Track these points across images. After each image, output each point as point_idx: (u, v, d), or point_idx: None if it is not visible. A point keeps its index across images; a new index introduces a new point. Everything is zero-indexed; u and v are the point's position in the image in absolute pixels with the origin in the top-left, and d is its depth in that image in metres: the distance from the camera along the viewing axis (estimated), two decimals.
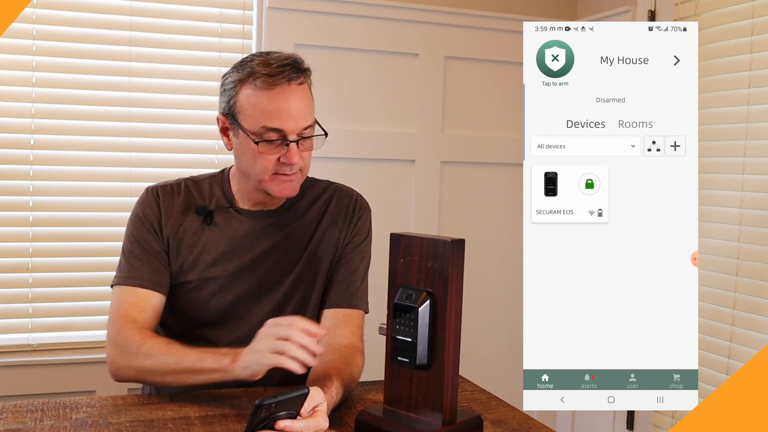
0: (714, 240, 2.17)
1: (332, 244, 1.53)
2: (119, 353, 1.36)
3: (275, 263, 1.49)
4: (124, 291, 1.43)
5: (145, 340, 1.35)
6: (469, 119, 2.73)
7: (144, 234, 1.46)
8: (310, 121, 1.41)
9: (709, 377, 2.14)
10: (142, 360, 1.32)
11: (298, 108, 1.39)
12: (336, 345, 1.43)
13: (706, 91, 2.20)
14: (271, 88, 1.37)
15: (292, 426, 1.08)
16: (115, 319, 1.40)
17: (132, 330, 1.37)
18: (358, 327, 1.50)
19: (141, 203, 1.50)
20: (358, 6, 2.51)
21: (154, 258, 1.45)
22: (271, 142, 1.39)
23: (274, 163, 1.40)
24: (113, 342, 1.38)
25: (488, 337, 2.81)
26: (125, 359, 1.35)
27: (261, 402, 1.02)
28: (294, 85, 1.39)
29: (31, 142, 2.27)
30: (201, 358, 1.29)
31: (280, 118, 1.37)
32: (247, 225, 1.49)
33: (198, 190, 1.51)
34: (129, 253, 1.46)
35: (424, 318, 1.18)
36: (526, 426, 1.28)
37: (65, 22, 2.28)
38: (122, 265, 1.46)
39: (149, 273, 1.44)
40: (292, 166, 1.40)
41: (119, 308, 1.41)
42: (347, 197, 1.57)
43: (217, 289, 1.47)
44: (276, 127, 1.37)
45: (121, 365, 1.36)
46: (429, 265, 1.19)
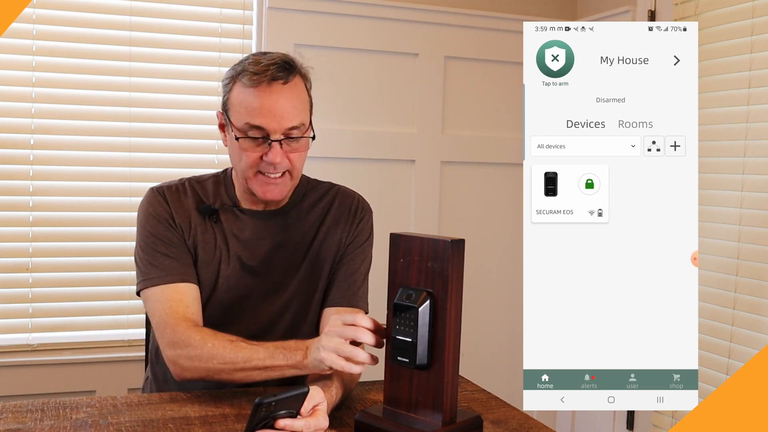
0: (714, 240, 2.17)
1: (334, 244, 1.53)
2: (181, 354, 1.33)
3: (280, 264, 1.49)
4: (165, 290, 1.40)
5: (206, 339, 1.32)
6: (469, 119, 2.73)
7: (163, 231, 1.45)
8: (296, 122, 1.39)
9: (709, 377, 2.14)
10: (208, 360, 1.30)
11: (283, 108, 1.38)
12: None
13: (706, 91, 2.20)
14: (255, 86, 1.37)
15: (292, 425, 1.08)
16: (167, 320, 1.37)
17: (189, 329, 1.34)
18: None
19: (150, 203, 1.48)
20: (358, 6, 2.51)
21: (180, 251, 1.44)
22: (254, 140, 1.39)
23: (257, 162, 1.40)
24: (173, 343, 1.34)
25: (488, 337, 2.81)
26: (189, 360, 1.32)
27: (261, 400, 1.02)
28: (278, 84, 1.38)
29: (31, 142, 2.27)
30: (271, 354, 1.28)
31: (262, 116, 1.37)
32: (252, 225, 1.49)
33: (202, 190, 1.51)
34: (154, 253, 1.43)
35: (424, 318, 1.18)
36: (526, 426, 1.28)
37: (65, 22, 2.29)
38: (148, 267, 1.43)
39: (181, 267, 1.43)
40: (275, 166, 1.39)
41: (165, 308, 1.38)
42: (349, 199, 1.57)
43: (223, 289, 1.47)
44: (258, 125, 1.38)
45: (186, 366, 1.33)
46: (429, 265, 1.19)
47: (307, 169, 1.59)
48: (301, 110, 1.41)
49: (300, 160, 1.44)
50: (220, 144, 2.43)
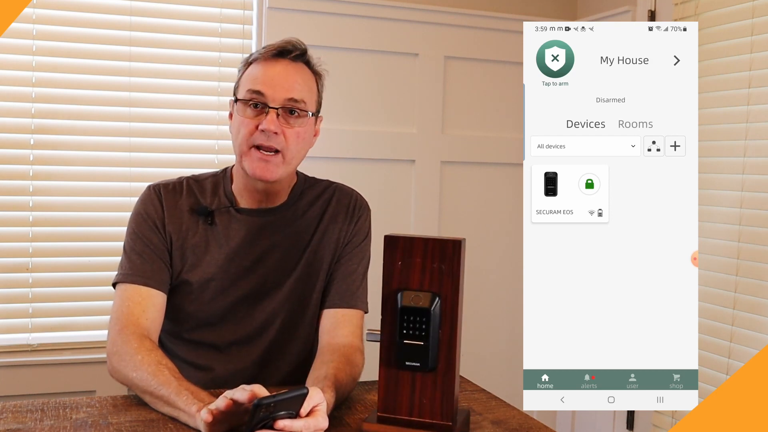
0: (714, 240, 2.17)
1: (332, 243, 1.52)
2: (115, 354, 1.34)
3: (276, 264, 1.49)
4: (127, 289, 1.42)
5: (139, 351, 1.31)
6: (469, 119, 2.73)
7: (146, 231, 1.46)
8: (296, 95, 1.41)
9: (709, 377, 2.14)
10: (131, 370, 1.30)
11: (284, 78, 1.42)
12: (336, 345, 1.43)
13: (706, 91, 2.20)
14: (263, 60, 1.44)
15: (292, 425, 1.07)
16: (119, 318, 1.39)
17: (133, 334, 1.35)
18: (358, 327, 1.50)
19: (143, 201, 1.49)
20: (358, 6, 2.51)
21: (156, 256, 1.45)
22: (253, 108, 1.41)
23: (253, 132, 1.40)
24: (113, 341, 1.36)
25: (488, 337, 2.81)
26: (118, 362, 1.33)
27: (260, 401, 1.02)
28: (285, 59, 1.44)
29: (31, 142, 2.27)
30: (177, 392, 1.22)
31: (263, 83, 1.41)
32: (248, 224, 1.49)
33: (200, 190, 1.51)
34: (131, 251, 1.45)
35: (436, 320, 1.17)
36: (526, 426, 1.28)
37: (65, 22, 2.28)
38: (124, 262, 1.45)
39: (151, 271, 1.43)
40: (269, 136, 1.39)
41: (122, 306, 1.40)
42: (347, 197, 1.57)
43: (219, 289, 1.47)
44: (258, 90, 1.41)
45: (114, 367, 1.34)
46: (435, 266, 1.18)
47: (307, 168, 1.59)
48: (304, 89, 1.44)
49: (296, 140, 1.43)
50: (220, 144, 2.43)
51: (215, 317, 1.47)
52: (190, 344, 1.49)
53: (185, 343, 1.50)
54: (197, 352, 1.49)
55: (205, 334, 1.48)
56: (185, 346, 1.50)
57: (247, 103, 1.41)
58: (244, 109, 1.42)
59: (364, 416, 1.28)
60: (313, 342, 1.53)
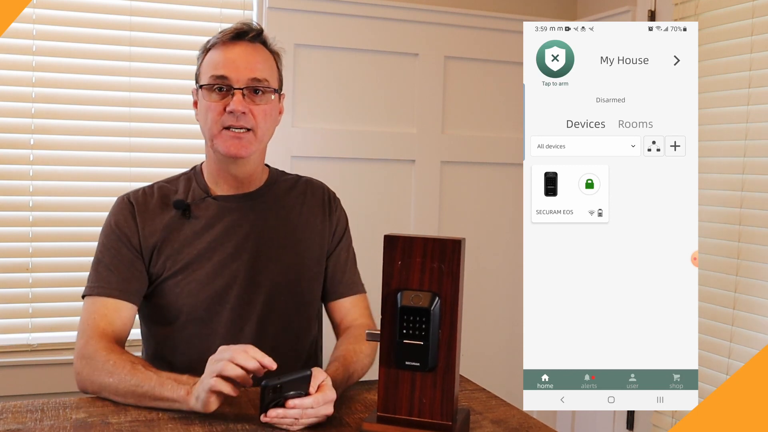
0: (714, 240, 2.17)
1: (316, 236, 1.57)
2: (85, 366, 1.33)
3: (259, 249, 1.50)
4: (95, 302, 1.42)
5: (110, 356, 1.32)
6: (469, 119, 2.73)
7: (114, 242, 1.46)
8: (258, 75, 1.44)
9: (709, 377, 2.14)
10: (106, 377, 1.29)
11: (245, 59, 1.44)
12: (351, 327, 1.53)
13: (706, 91, 2.20)
14: (221, 44, 1.46)
15: (302, 402, 1.15)
16: (84, 330, 1.39)
17: (100, 343, 1.35)
18: (366, 308, 1.61)
19: (113, 212, 1.50)
20: (358, 6, 2.51)
21: (124, 267, 1.44)
22: (219, 92, 1.43)
23: (222, 114, 1.43)
24: (80, 353, 1.36)
25: (488, 337, 2.81)
26: (90, 373, 1.32)
27: (267, 383, 1.13)
28: (242, 41, 1.46)
29: (31, 142, 2.27)
30: (161, 383, 1.25)
31: (225, 67, 1.43)
32: (226, 210, 1.51)
33: (173, 189, 1.53)
34: (98, 263, 1.46)
35: (436, 320, 1.18)
36: (526, 426, 1.28)
37: (65, 22, 2.28)
38: (92, 275, 1.46)
39: (117, 282, 1.43)
40: (237, 116, 1.42)
41: (88, 319, 1.40)
42: (319, 190, 1.63)
43: (205, 280, 1.47)
44: (221, 74, 1.43)
45: (85, 378, 1.33)
46: (435, 266, 1.18)
47: (307, 168, 1.59)
48: (265, 67, 1.47)
49: (264, 118, 1.46)
50: None
51: (204, 309, 1.47)
52: (184, 341, 1.49)
53: (182, 341, 1.49)
54: (190, 352, 1.48)
55: (198, 328, 1.48)
56: (176, 351, 1.50)
57: (211, 88, 1.44)
58: (209, 94, 1.44)
59: (364, 416, 1.28)
60: (316, 335, 1.62)
